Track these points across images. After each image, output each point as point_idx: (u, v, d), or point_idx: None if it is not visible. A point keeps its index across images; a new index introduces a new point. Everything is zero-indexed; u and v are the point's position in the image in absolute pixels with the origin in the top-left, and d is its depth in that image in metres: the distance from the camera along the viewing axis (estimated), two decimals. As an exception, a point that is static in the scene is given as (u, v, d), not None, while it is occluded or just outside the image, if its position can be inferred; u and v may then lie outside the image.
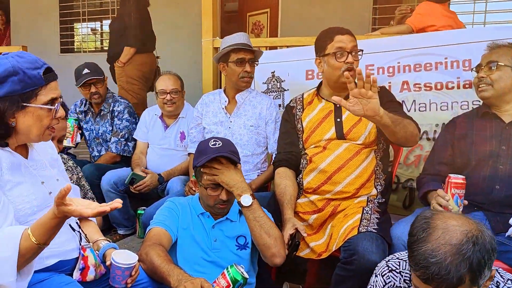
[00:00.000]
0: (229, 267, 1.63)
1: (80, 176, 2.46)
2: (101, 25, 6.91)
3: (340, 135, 2.27)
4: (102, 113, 3.46)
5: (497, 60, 2.04)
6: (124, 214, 3.15)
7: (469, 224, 1.22)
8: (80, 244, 1.64)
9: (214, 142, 1.90)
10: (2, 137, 1.45)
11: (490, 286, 1.35)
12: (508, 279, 1.37)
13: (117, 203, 1.30)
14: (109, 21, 6.70)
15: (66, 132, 2.49)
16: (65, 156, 2.46)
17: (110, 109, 3.43)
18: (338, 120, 2.30)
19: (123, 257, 1.59)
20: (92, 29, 7.02)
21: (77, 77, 3.37)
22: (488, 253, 1.19)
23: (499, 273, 1.40)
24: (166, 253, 1.77)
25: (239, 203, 1.87)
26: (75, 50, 6.85)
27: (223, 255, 1.93)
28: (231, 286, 1.59)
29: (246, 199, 1.85)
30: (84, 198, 2.40)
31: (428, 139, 2.62)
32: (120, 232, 3.22)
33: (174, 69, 3.45)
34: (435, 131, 2.59)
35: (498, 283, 1.36)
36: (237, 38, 2.71)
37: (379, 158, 2.27)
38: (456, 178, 1.82)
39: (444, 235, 1.20)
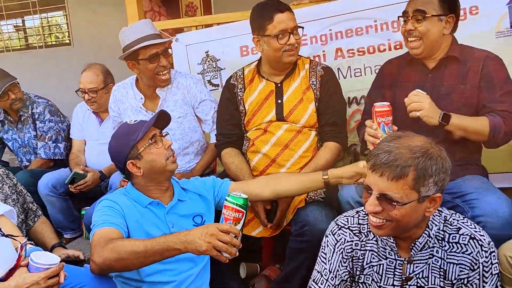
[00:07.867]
0: (226, 197, 1.46)
1: (16, 182, 2.26)
2: (23, 21, 6.46)
3: (280, 118, 2.24)
4: (22, 119, 3.22)
5: (423, 8, 1.93)
6: (68, 217, 3.01)
7: (433, 145, 1.32)
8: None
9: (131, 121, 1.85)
10: None
11: (438, 220, 1.42)
12: (453, 213, 1.47)
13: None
14: (31, 17, 6.29)
15: None
16: None
17: (30, 112, 3.19)
18: (279, 101, 2.26)
19: (45, 259, 1.43)
20: (14, 26, 6.56)
21: None
22: (437, 166, 1.28)
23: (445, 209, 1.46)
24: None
25: None
26: (-1, 50, 6.39)
27: None
28: (244, 212, 1.44)
29: None
30: (23, 204, 2.24)
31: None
32: (67, 236, 3.07)
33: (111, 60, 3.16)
34: (372, 94, 2.60)
35: (446, 217, 1.44)
36: (141, 29, 2.35)
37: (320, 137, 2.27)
38: (381, 107, 1.77)
39: (407, 140, 1.32)
